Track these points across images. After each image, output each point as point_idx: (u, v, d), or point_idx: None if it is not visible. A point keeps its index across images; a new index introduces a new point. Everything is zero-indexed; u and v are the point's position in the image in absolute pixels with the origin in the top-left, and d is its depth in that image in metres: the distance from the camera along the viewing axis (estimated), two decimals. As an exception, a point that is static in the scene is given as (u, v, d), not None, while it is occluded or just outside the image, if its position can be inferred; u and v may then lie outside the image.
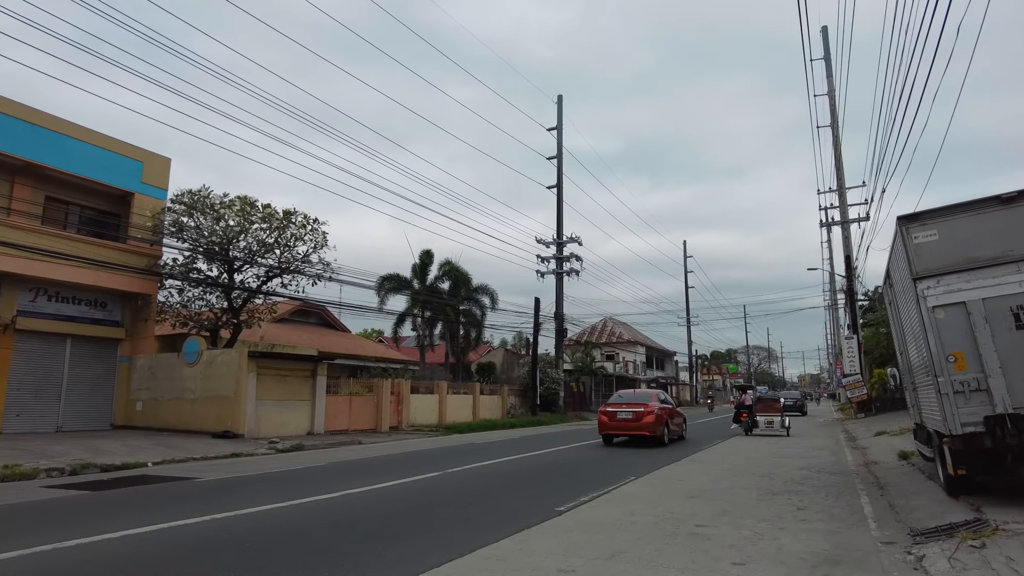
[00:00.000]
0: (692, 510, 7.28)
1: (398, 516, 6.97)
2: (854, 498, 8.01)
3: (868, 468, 11.16)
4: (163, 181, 22.51)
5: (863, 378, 30.37)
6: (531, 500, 7.99)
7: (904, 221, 6.74)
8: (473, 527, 6.41)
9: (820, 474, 10.49)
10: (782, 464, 12.08)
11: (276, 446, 16.83)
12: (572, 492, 8.58)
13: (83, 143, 20.47)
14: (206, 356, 20.11)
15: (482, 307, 31.88)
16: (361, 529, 6.29)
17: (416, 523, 6.60)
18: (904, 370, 9.16)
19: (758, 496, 8.24)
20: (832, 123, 33.02)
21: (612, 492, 8.67)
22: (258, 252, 21.80)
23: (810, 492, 8.52)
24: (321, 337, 32.44)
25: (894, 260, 7.79)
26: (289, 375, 20.66)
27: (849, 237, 32.31)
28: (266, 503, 7.78)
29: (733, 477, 10.18)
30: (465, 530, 6.27)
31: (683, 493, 8.54)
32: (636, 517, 6.86)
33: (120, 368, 21.69)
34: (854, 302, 32.19)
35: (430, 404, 27.51)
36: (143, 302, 21.92)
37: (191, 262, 21.43)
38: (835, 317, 65.47)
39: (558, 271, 36.04)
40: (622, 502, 7.86)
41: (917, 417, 8.81)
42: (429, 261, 29.29)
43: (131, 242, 21.08)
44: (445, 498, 8.25)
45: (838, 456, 13.70)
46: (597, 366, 48.36)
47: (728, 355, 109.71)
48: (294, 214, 22.22)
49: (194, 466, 12.88)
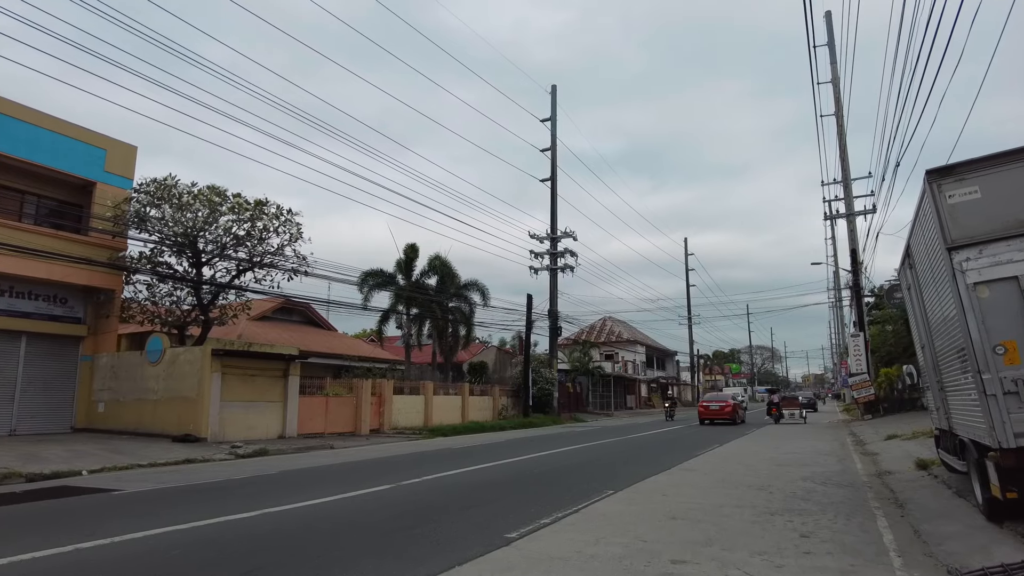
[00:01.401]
0: (670, 537, 5.96)
1: (298, 547, 5.66)
2: (869, 520, 6.67)
3: (882, 479, 9.79)
4: (128, 170, 21.26)
5: (870, 378, 28.96)
6: (481, 523, 6.67)
7: (935, 176, 5.38)
8: (383, 564, 5.11)
9: (826, 487, 9.13)
10: (783, 473, 10.74)
11: (237, 451, 15.58)
12: (534, 511, 7.26)
13: (39, 128, 19.21)
14: (169, 355, 18.84)
15: (471, 304, 30.57)
16: (238, 568, 4.97)
17: (315, 557, 5.30)
18: (927, 367, 7.79)
19: (753, 517, 6.90)
20: (836, 111, 31.60)
21: (582, 511, 7.34)
22: (228, 244, 20.50)
23: (815, 511, 7.17)
24: (304, 336, 31.17)
25: (918, 232, 6.47)
26: (258, 375, 19.38)
27: (855, 230, 30.89)
28: (166, 524, 6.51)
29: (726, 490, 8.84)
30: (371, 569, 4.96)
31: (664, 512, 7.20)
32: (599, 548, 5.54)
33: (81, 367, 20.43)
34: (860, 298, 30.76)
35: (415, 405, 26.20)
36: (105, 297, 20.66)
37: (156, 255, 20.13)
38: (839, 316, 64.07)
39: (552, 267, 34.72)
40: (589, 525, 6.54)
41: (942, 422, 7.45)
42: (414, 256, 27.96)
43: (93, 234, 19.83)
44: (376, 519, 6.94)
45: (845, 464, 12.32)
46: (595, 366, 46.99)
47: (731, 355, 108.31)
48: (266, 204, 20.92)
49: (133, 475, 11.65)
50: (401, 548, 5.59)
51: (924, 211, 5.79)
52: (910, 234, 7.09)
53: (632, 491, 8.85)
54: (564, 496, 8.35)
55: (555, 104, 36.22)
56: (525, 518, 6.84)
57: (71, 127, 20.21)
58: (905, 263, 7.85)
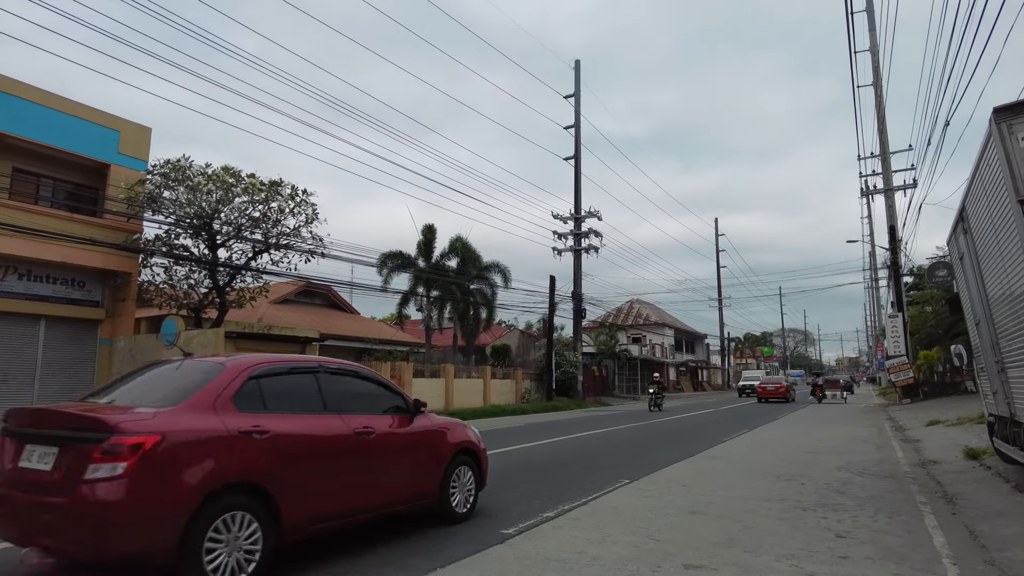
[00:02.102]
0: (686, 536, 5.29)
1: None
2: (915, 518, 5.89)
3: (926, 470, 8.93)
4: (142, 152, 21.00)
5: (909, 360, 27.64)
6: (477, 518, 6.08)
7: (1006, 115, 4.53)
8: (358, 564, 4.54)
9: (864, 477, 8.34)
10: (816, 462, 9.94)
11: (250, 435, 15.30)
12: (538, 503, 6.65)
13: (52, 111, 19.02)
14: (183, 337, 18.63)
15: (493, 286, 29.98)
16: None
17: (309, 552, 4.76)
18: (983, 346, 6.90)
19: (781, 512, 6.18)
20: (875, 81, 30.01)
21: (590, 503, 6.70)
22: (243, 226, 20.19)
23: (852, 507, 6.41)
24: (325, 319, 30.98)
25: (978, 188, 5.61)
26: (273, 358, 19.09)
27: (893, 206, 29.44)
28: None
29: (753, 481, 8.11)
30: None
31: (683, 506, 6.53)
32: (603, 548, 4.91)
33: (100, 351, 20.39)
34: (899, 277, 29.32)
35: (435, 389, 25.79)
36: (122, 280, 20.55)
37: (170, 237, 19.92)
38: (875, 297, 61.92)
39: (576, 248, 33.91)
40: (596, 520, 5.90)
41: (1001, 408, 6.59)
42: (432, 236, 27.39)
43: (108, 217, 19.66)
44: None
45: (884, 451, 11.44)
46: (621, 349, 46.14)
47: (763, 338, 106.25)
48: (281, 185, 20.53)
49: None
50: (383, 549, 5.03)
51: (988, 159, 4.94)
52: (965, 194, 6.21)
53: (649, 481, 8.17)
54: (574, 486, 7.72)
55: (579, 80, 35.19)
56: (527, 512, 6.24)
57: (84, 109, 20.01)
58: (958, 228, 6.95)
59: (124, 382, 5.01)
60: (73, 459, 3.72)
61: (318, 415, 4.85)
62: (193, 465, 3.88)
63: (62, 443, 3.84)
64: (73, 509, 3.62)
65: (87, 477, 3.61)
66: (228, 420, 4.19)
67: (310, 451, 4.61)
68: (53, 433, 3.97)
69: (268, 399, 4.57)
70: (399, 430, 5.54)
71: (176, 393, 4.31)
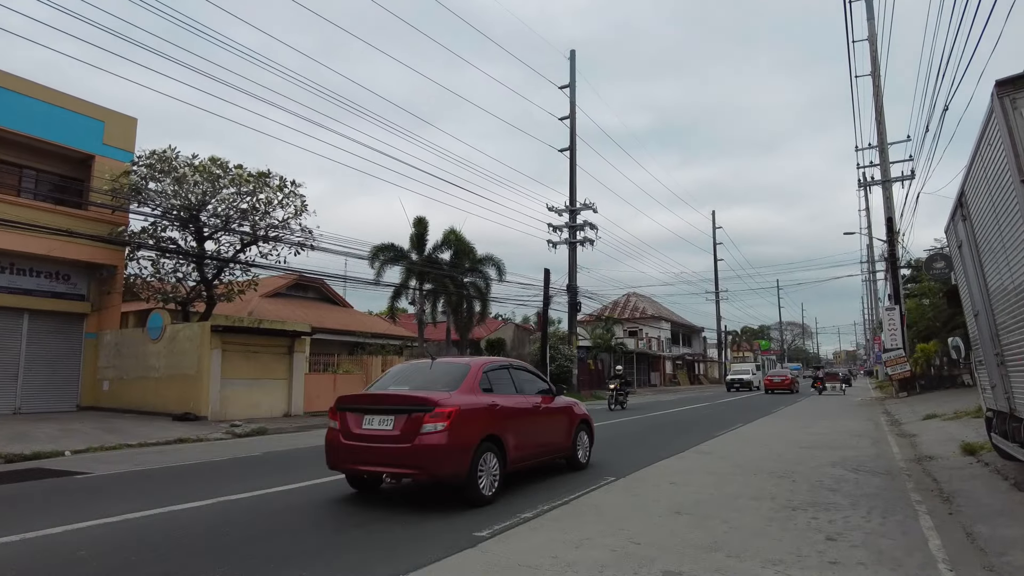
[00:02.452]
0: (670, 538, 5.01)
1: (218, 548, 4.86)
2: (910, 518, 5.62)
3: (922, 466, 8.66)
4: (128, 143, 20.64)
5: (906, 353, 27.40)
6: (452, 518, 5.80)
7: (1008, 88, 4.20)
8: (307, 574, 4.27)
9: (859, 474, 8.07)
10: (810, 457, 9.67)
11: (235, 430, 15.01)
12: (517, 504, 6.38)
13: (36, 101, 18.65)
14: (169, 331, 18.35)
15: (487, 279, 29.64)
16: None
17: (229, 563, 4.48)
18: (982, 338, 6.61)
19: (771, 512, 5.91)
20: (873, 71, 29.63)
21: (572, 503, 6.43)
22: (231, 218, 19.83)
23: (845, 506, 6.14)
24: (317, 312, 30.69)
25: (978, 171, 5.30)
26: (261, 352, 18.81)
27: (891, 197, 29.12)
28: (102, 515, 5.80)
29: (743, 478, 7.84)
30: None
31: (668, 505, 6.25)
32: (580, 552, 4.63)
33: (86, 345, 20.09)
34: (896, 269, 29.05)
35: (428, 383, 25.50)
36: (108, 273, 20.23)
37: (156, 230, 19.57)
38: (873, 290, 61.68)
39: (571, 240, 33.59)
40: (576, 521, 5.62)
41: (1000, 402, 6.31)
42: (423, 229, 27.02)
43: (93, 209, 19.30)
44: (327, 515, 6.13)
45: (880, 447, 11.18)
46: (617, 342, 45.91)
47: (761, 331, 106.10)
48: (269, 176, 20.16)
49: (116, 455, 11.13)
50: (342, 552, 4.75)
51: (989, 138, 4.63)
52: (965, 178, 5.91)
53: (635, 478, 7.90)
54: (556, 484, 7.45)
55: (574, 70, 34.78)
56: (504, 512, 5.96)
57: (68, 99, 19.65)
58: (956, 215, 6.65)
59: (394, 377, 7.57)
60: (409, 421, 6.20)
61: (514, 395, 7.57)
62: (473, 424, 6.50)
63: (397, 413, 6.35)
64: (416, 450, 6.08)
65: (422, 431, 6.12)
66: (481, 398, 6.86)
67: (516, 415, 7.32)
68: (389, 407, 6.48)
69: (493, 385, 7.29)
70: (551, 405, 8.26)
71: (450, 383, 6.86)
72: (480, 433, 6.50)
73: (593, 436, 9.31)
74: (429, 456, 6.06)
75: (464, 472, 6.20)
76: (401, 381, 7.28)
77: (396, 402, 6.53)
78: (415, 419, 6.16)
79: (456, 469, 6.17)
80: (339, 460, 6.71)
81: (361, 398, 6.86)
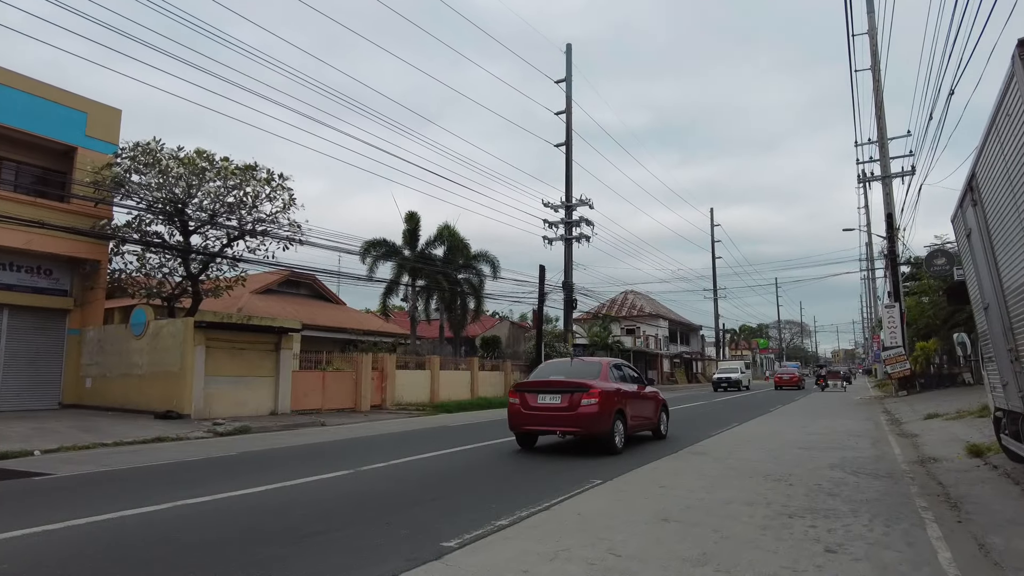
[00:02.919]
0: (654, 549, 4.58)
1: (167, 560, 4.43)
2: (916, 527, 5.19)
3: (926, 468, 8.23)
4: (111, 135, 20.15)
5: (905, 352, 26.99)
6: (420, 525, 5.37)
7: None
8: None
9: (859, 477, 7.64)
10: (808, 459, 9.25)
11: (217, 428, 14.59)
12: (496, 508, 5.94)
13: (17, 91, 18.18)
14: (152, 327, 17.90)
15: (481, 276, 29.21)
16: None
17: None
18: (994, 333, 6.15)
19: (766, 520, 5.48)
20: (873, 65, 29.18)
21: (553, 508, 6.00)
22: (217, 212, 19.35)
23: (845, 513, 5.71)
24: (309, 309, 30.22)
25: (992, 148, 4.87)
26: (248, 348, 18.37)
27: (891, 193, 28.68)
28: (46, 522, 5.36)
29: (738, 481, 7.41)
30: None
31: (656, 511, 5.82)
32: (554, 565, 4.20)
33: (69, 341, 19.64)
34: (896, 266, 28.62)
35: (420, 380, 25.09)
36: (91, 268, 19.76)
37: (140, 224, 19.09)
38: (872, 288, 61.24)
39: (567, 236, 33.08)
40: (554, 529, 5.19)
41: (1013, 401, 5.88)
42: (415, 224, 26.54)
43: (75, 202, 18.83)
44: (291, 522, 5.70)
45: (881, 447, 10.75)
46: (614, 340, 45.48)
47: (759, 330, 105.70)
48: (256, 169, 19.69)
49: (88, 455, 10.73)
50: (293, 562, 4.31)
51: (1008, 107, 4.18)
52: (976, 159, 5.47)
53: (624, 481, 7.46)
54: (540, 487, 7.02)
55: (570, 64, 34.25)
56: (479, 518, 5.53)
57: (50, 90, 19.18)
58: (965, 201, 6.21)
59: (548, 369, 11.35)
60: (572, 398, 9.60)
61: (626, 382, 10.99)
62: (610, 400, 9.77)
63: (563, 392, 9.77)
64: (578, 416, 9.51)
65: (583, 404, 9.51)
66: (611, 384, 10.20)
67: (630, 397, 10.62)
68: (557, 389, 9.90)
69: (615, 376, 10.74)
70: (645, 391, 11.67)
71: (592, 374, 10.38)
72: (614, 407, 9.90)
73: (669, 415, 12.88)
74: (587, 420, 9.52)
75: (608, 431, 9.66)
76: (555, 372, 10.87)
77: (562, 386, 9.93)
78: (576, 397, 9.63)
79: (604, 428, 9.62)
80: (520, 423, 10.29)
81: (532, 384, 10.48)
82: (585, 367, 10.93)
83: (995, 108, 4.61)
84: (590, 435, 9.69)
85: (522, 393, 10.16)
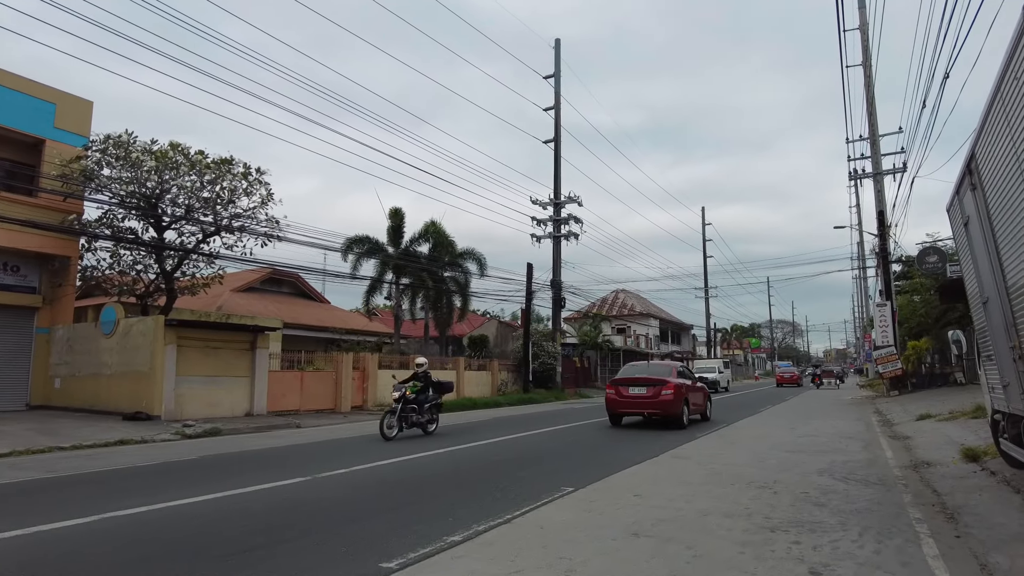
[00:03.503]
0: (617, 570, 4.08)
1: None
2: (910, 542, 4.70)
3: (919, 474, 7.76)
4: (82, 127, 19.47)
5: (897, 351, 26.62)
6: (365, 541, 4.85)
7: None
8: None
9: (849, 484, 7.16)
10: (795, 463, 8.78)
11: (186, 430, 13.98)
12: (452, 520, 5.43)
13: (-21, 80, 17.53)
14: (122, 326, 17.27)
15: (467, 274, 28.67)
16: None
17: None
18: (995, 329, 5.67)
19: (746, 534, 4.98)
20: (864, 61, 28.80)
21: (515, 520, 5.48)
22: (195, 208, 18.72)
23: (833, 526, 5.22)
24: (292, 307, 29.60)
25: (996, 124, 4.40)
26: (222, 348, 17.76)
27: (882, 190, 28.29)
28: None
29: (719, 488, 6.92)
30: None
31: (627, 524, 5.32)
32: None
33: (37, 340, 18.97)
34: (888, 264, 28.26)
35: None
36: (60, 265, 19.10)
37: (112, 219, 18.44)
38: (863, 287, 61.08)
39: (555, 234, 32.66)
40: (512, 545, 4.68)
41: (1014, 404, 5.41)
42: (399, 221, 25.95)
43: (43, 196, 18.17)
44: (237, 532, 5.18)
45: (873, 450, 10.29)
46: (604, 339, 45.04)
47: (751, 330, 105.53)
48: (232, 163, 19.08)
49: (38, 459, 10.13)
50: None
51: (1015, 71, 3.69)
52: (976, 140, 5.01)
53: (596, 489, 6.95)
54: (507, 495, 6.51)
55: (559, 60, 33.84)
56: (432, 532, 5.01)
57: (16, 79, 18.49)
58: (963, 187, 5.73)
59: (632, 370, 16.31)
60: (655, 390, 14.31)
61: (686, 379, 15.39)
62: (680, 392, 14.44)
63: (648, 386, 14.49)
64: (660, 402, 14.21)
65: (662, 393, 14.23)
66: (679, 380, 14.79)
67: (689, 390, 15.02)
68: (644, 383, 14.64)
69: (679, 375, 15.25)
70: (695, 385, 15.75)
71: (666, 373, 15.18)
72: (683, 396, 14.32)
73: (711, 403, 17.35)
74: (666, 405, 13.94)
75: (680, 413, 14.04)
76: (638, 372, 15.67)
77: (646, 382, 14.49)
78: (657, 388, 14.12)
79: (677, 411, 13.99)
80: (616, 407, 14.83)
81: (624, 380, 15.12)
82: (659, 368, 16.30)
83: (1000, 74, 4.13)
84: (668, 415, 14.01)
85: (617, 386, 14.89)
